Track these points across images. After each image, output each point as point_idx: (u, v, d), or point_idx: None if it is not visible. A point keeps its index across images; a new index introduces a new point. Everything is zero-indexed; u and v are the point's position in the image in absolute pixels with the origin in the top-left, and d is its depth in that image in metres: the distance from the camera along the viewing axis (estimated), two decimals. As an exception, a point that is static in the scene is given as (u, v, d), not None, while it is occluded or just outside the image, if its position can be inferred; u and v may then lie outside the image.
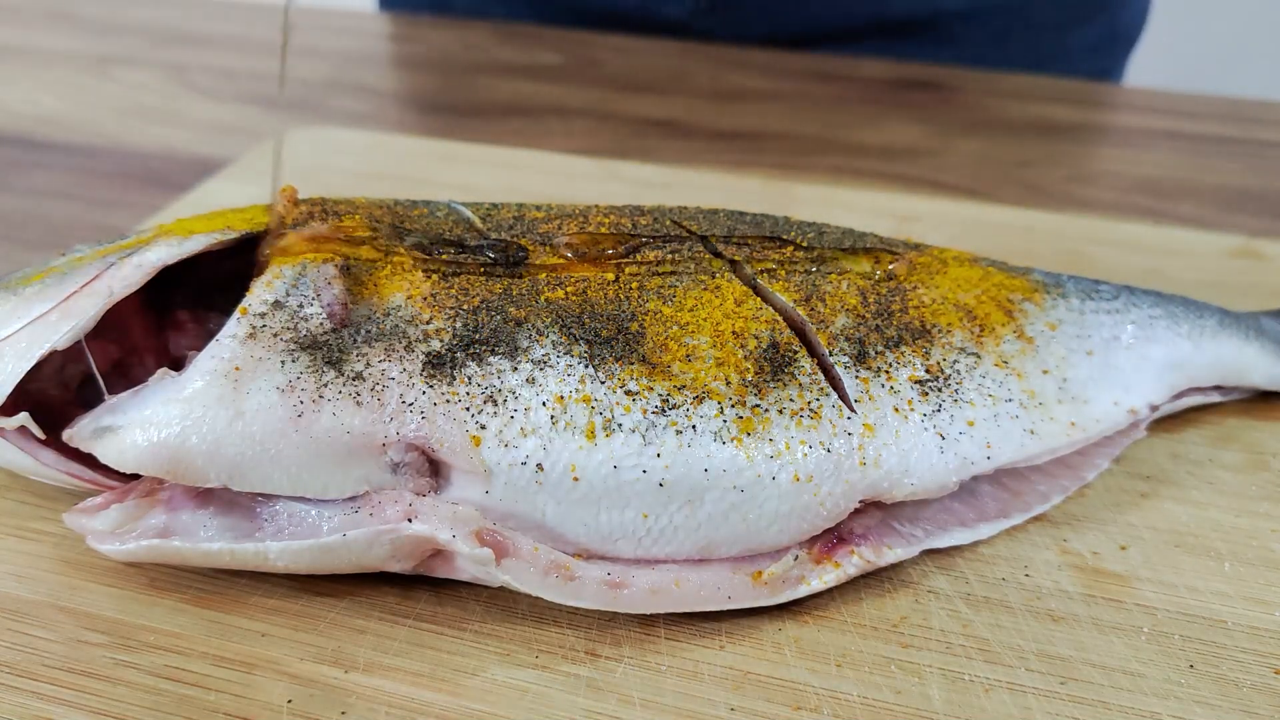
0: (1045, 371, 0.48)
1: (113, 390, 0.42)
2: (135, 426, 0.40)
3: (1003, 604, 0.43)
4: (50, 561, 0.43)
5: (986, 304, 0.49)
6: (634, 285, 0.45)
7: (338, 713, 0.38)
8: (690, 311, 0.44)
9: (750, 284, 0.46)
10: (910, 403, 0.44)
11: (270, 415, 0.40)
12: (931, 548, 0.44)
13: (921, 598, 0.43)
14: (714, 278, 0.46)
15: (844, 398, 0.43)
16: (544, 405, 0.41)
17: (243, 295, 0.43)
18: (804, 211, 0.58)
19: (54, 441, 0.43)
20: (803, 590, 0.42)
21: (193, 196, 0.71)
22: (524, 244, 0.47)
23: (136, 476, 0.41)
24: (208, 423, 0.40)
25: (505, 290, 0.44)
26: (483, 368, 0.41)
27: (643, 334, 0.43)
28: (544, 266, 0.46)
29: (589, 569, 0.41)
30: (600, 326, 0.43)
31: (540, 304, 0.44)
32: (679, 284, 0.45)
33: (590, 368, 0.42)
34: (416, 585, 0.43)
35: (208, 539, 0.40)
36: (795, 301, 0.46)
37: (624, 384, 0.41)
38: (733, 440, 0.41)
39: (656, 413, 0.41)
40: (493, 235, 0.48)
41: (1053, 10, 1.02)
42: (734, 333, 0.43)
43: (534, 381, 0.41)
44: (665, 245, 0.48)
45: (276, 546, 0.40)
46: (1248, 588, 0.44)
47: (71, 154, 0.82)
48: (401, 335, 0.42)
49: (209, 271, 0.48)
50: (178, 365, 0.42)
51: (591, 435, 0.40)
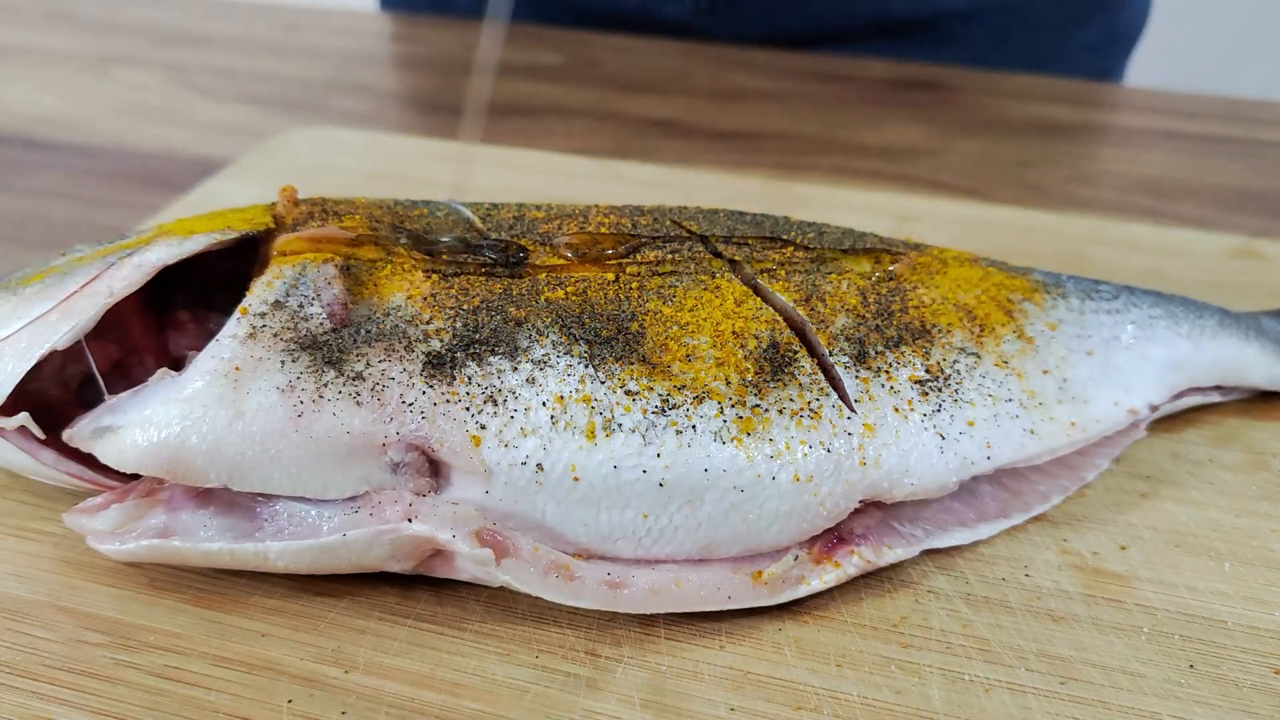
0: (1045, 371, 0.48)
1: (113, 390, 0.42)
2: (135, 426, 0.40)
3: (1003, 604, 0.43)
4: (50, 561, 0.43)
5: (986, 304, 0.49)
6: (634, 285, 0.45)
7: (338, 713, 0.38)
8: (690, 311, 0.44)
9: (750, 284, 0.46)
10: (910, 403, 0.44)
11: (270, 415, 0.40)
12: (931, 548, 0.44)
13: (921, 598, 0.43)
14: (714, 278, 0.46)
15: (844, 398, 0.43)
16: (544, 405, 0.41)
17: (243, 295, 0.43)
18: (804, 211, 0.58)
19: (54, 441, 0.43)
20: (803, 590, 0.42)
21: (193, 196, 0.71)
22: (524, 244, 0.47)
23: (136, 476, 0.41)
24: (208, 423, 0.40)
25: (505, 290, 0.44)
26: (483, 368, 0.41)
27: (643, 334, 0.43)
28: (544, 266, 0.46)
29: (589, 569, 0.41)
30: (600, 326, 0.43)
31: (540, 304, 0.44)
32: (679, 284, 0.45)
33: (590, 368, 0.42)
34: (416, 585, 0.43)
35: (208, 539, 0.40)
36: (795, 301, 0.46)
37: (624, 384, 0.41)
38: (733, 440, 0.41)
39: (656, 413, 0.41)
40: (493, 235, 0.48)
41: (1053, 10, 1.02)
42: (734, 333, 0.43)
43: (534, 381, 0.41)
44: (665, 245, 0.48)
45: (276, 546, 0.40)
46: (1248, 588, 0.44)
47: (71, 154, 0.82)
48: (401, 335, 0.42)
49: (209, 271, 0.48)
50: (178, 365, 0.42)
51: (591, 435, 0.40)
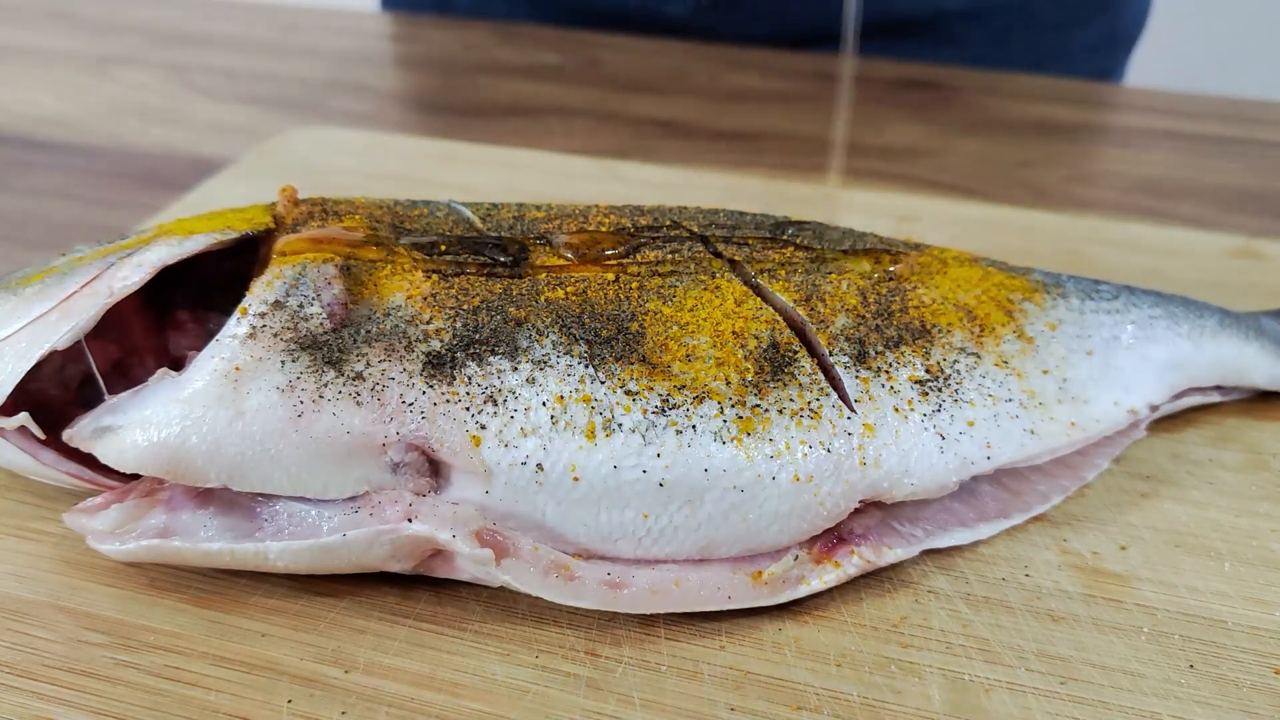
0: (1045, 371, 0.48)
1: (113, 390, 0.42)
2: (135, 426, 0.40)
3: (1003, 604, 0.43)
4: (50, 561, 0.43)
5: (986, 304, 0.49)
6: (634, 285, 0.45)
7: (338, 713, 0.38)
8: (690, 311, 0.44)
9: (750, 284, 0.46)
10: (910, 403, 0.44)
11: (270, 415, 0.40)
12: (931, 548, 0.44)
13: (921, 598, 0.43)
14: (714, 278, 0.46)
15: (844, 398, 0.43)
16: (544, 405, 0.41)
17: (243, 295, 0.43)
18: (804, 211, 0.58)
19: (54, 441, 0.43)
20: (803, 590, 0.42)
21: (193, 196, 0.71)
22: (524, 244, 0.47)
23: (136, 476, 0.41)
24: (208, 423, 0.40)
25: (505, 290, 0.44)
26: (483, 368, 0.41)
27: (643, 334, 0.43)
28: (544, 266, 0.46)
29: (589, 569, 0.41)
30: (600, 326, 0.43)
31: (540, 304, 0.44)
32: (679, 284, 0.45)
33: (590, 368, 0.42)
34: (416, 585, 0.43)
35: (208, 539, 0.40)
36: (795, 301, 0.46)
37: (624, 384, 0.41)
38: (733, 440, 0.41)
39: (656, 413, 0.41)
40: (493, 235, 0.48)
41: (1053, 10, 1.02)
42: (734, 333, 0.43)
43: (534, 381, 0.41)
44: (665, 245, 0.48)
45: (276, 546, 0.40)
46: (1248, 588, 0.44)
47: (71, 154, 0.82)
48: (401, 335, 0.42)
49: (209, 271, 0.48)
50: (178, 365, 0.42)
51: (591, 435, 0.40)
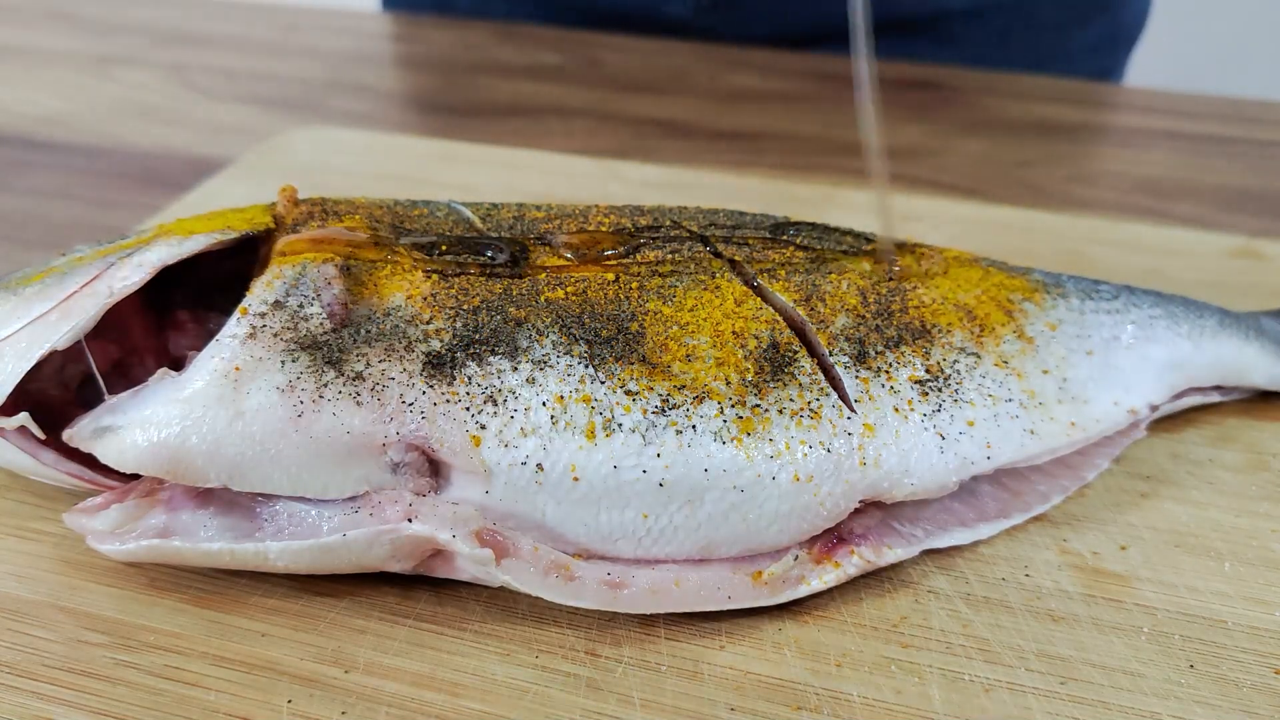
0: (1045, 371, 0.48)
1: (113, 390, 0.42)
2: (135, 426, 0.40)
3: (1003, 604, 0.43)
4: (50, 561, 0.43)
5: (986, 304, 0.49)
6: (634, 285, 0.45)
7: (338, 713, 0.38)
8: (690, 311, 0.44)
9: (750, 284, 0.46)
10: (910, 403, 0.44)
11: (270, 415, 0.40)
12: (931, 548, 0.44)
13: (921, 598, 0.43)
14: (714, 278, 0.46)
15: (844, 398, 0.43)
16: (544, 405, 0.41)
17: (243, 295, 0.43)
18: (804, 211, 0.58)
19: (54, 441, 0.43)
20: (803, 590, 0.42)
21: (193, 196, 0.71)
22: (524, 244, 0.47)
23: (136, 476, 0.41)
24: (208, 423, 0.40)
25: (505, 290, 0.44)
26: (483, 368, 0.41)
27: (643, 334, 0.43)
28: (544, 266, 0.46)
29: (589, 569, 0.41)
30: (600, 326, 0.43)
31: (540, 304, 0.44)
32: (679, 284, 0.45)
33: (590, 368, 0.42)
34: (416, 585, 0.43)
35: (208, 539, 0.40)
36: (795, 301, 0.46)
37: (624, 384, 0.41)
38: (733, 440, 0.41)
39: (656, 413, 0.41)
40: (493, 235, 0.48)
41: (1054, 10, 1.02)
42: (734, 333, 0.43)
43: (534, 381, 0.41)
44: (665, 245, 0.48)
45: (276, 546, 0.40)
46: (1248, 588, 0.44)
47: (71, 154, 0.82)
48: (401, 335, 0.42)
49: (209, 271, 0.48)
50: (178, 365, 0.42)
51: (591, 435, 0.40)
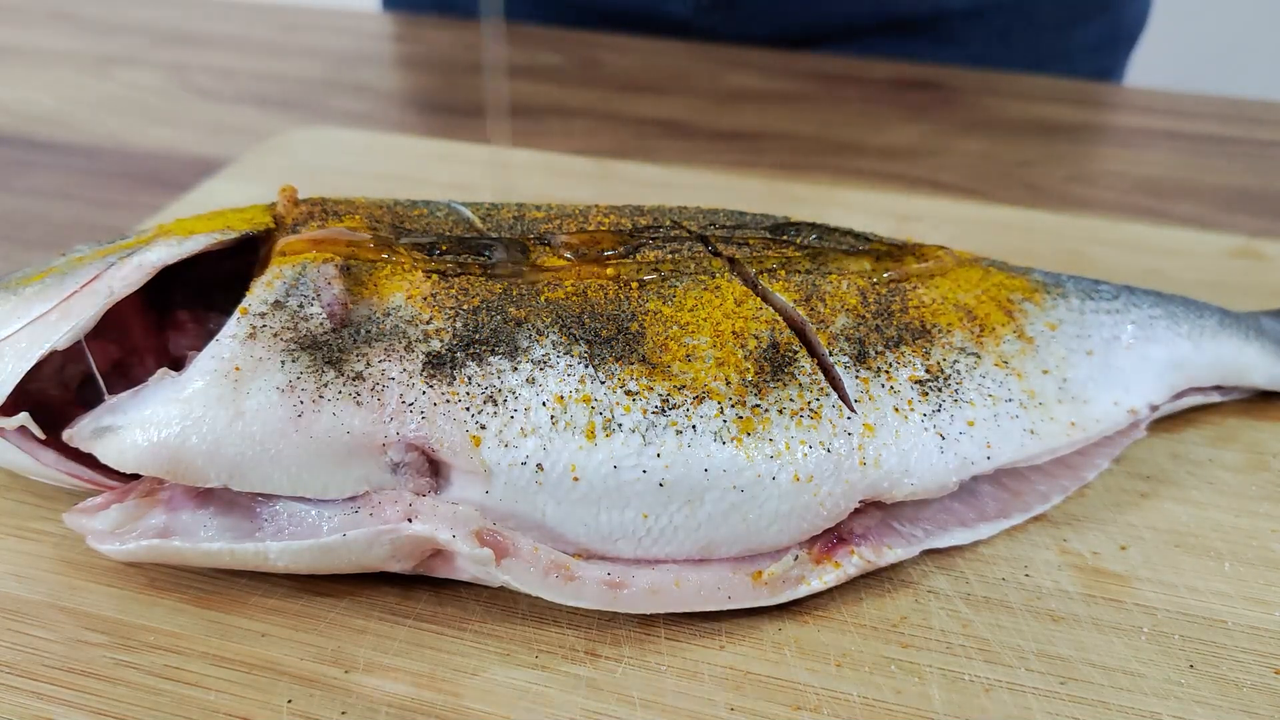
0: (1045, 371, 0.48)
1: (113, 390, 0.42)
2: (135, 426, 0.40)
3: (1003, 604, 0.43)
4: (50, 561, 0.43)
5: (986, 304, 0.49)
6: (634, 285, 0.45)
7: (338, 713, 0.38)
8: (690, 311, 0.44)
9: (750, 284, 0.46)
10: (910, 403, 0.44)
11: (270, 415, 0.40)
12: (931, 548, 0.44)
13: (921, 598, 0.43)
14: (714, 278, 0.46)
15: (844, 398, 0.43)
16: (544, 405, 0.41)
17: (243, 295, 0.43)
18: (804, 211, 0.58)
19: (54, 441, 0.43)
20: (803, 590, 0.42)
21: (193, 196, 0.71)
22: (524, 244, 0.47)
23: (136, 476, 0.41)
24: (208, 423, 0.40)
25: (505, 290, 0.44)
26: (483, 368, 0.41)
27: (643, 334, 0.43)
28: (544, 266, 0.46)
29: (589, 569, 0.41)
30: (600, 326, 0.43)
31: (540, 304, 0.44)
32: (679, 284, 0.45)
33: (590, 368, 0.42)
34: (416, 585, 0.43)
35: (208, 539, 0.40)
36: (795, 301, 0.46)
37: (624, 384, 0.41)
38: (733, 440, 0.41)
39: (656, 413, 0.41)
40: (493, 235, 0.48)
41: (1054, 10, 1.02)
42: (734, 333, 0.43)
43: (534, 381, 0.41)
44: (665, 245, 0.48)
45: (276, 546, 0.40)
46: (1248, 588, 0.44)
47: (71, 154, 0.82)
48: (401, 335, 0.42)
49: (209, 271, 0.48)
50: (178, 365, 0.42)
51: (591, 435, 0.40)
